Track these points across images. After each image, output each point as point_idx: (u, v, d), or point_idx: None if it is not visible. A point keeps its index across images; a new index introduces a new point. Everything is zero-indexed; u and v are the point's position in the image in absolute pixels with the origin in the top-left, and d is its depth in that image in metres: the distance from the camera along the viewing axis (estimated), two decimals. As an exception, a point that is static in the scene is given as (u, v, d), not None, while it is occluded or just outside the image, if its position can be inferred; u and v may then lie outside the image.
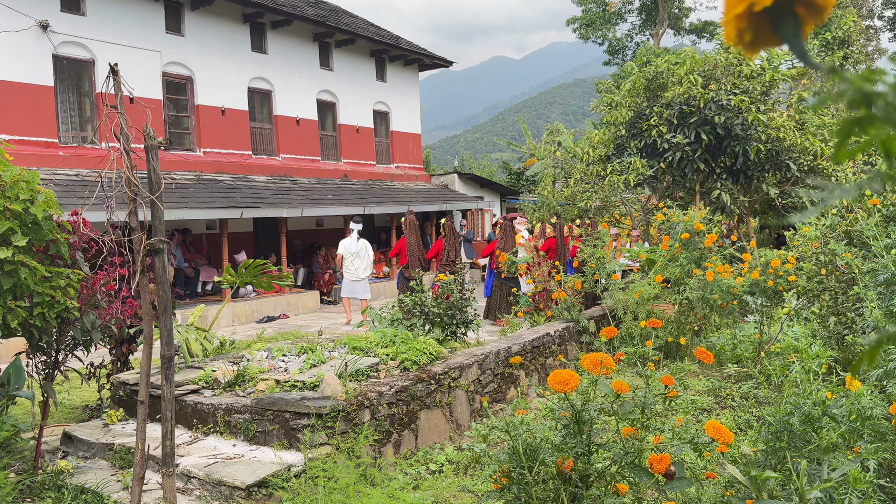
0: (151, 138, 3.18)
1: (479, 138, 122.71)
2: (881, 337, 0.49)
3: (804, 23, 0.47)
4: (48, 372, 5.03)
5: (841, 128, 0.45)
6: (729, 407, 6.19)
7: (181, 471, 4.71)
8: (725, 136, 11.65)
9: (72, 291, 4.61)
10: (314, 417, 4.98)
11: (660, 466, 2.19)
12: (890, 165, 0.45)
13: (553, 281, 9.38)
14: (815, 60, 0.48)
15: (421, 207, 19.22)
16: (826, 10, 0.47)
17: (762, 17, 0.47)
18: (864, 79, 0.43)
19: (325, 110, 19.48)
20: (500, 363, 6.92)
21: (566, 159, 16.58)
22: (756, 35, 0.48)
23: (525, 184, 29.30)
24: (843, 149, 0.45)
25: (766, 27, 0.47)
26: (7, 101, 12.36)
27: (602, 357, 2.39)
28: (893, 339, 0.51)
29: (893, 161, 0.44)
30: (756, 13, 0.47)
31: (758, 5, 0.46)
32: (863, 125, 0.44)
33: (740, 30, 0.48)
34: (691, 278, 8.04)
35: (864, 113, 0.42)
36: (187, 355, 6.48)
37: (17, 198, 4.21)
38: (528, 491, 2.22)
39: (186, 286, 14.40)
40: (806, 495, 2.14)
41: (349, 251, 12.64)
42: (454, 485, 4.69)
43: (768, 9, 0.46)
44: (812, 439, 2.63)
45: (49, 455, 5.51)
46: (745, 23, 0.47)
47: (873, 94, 0.43)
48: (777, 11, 0.47)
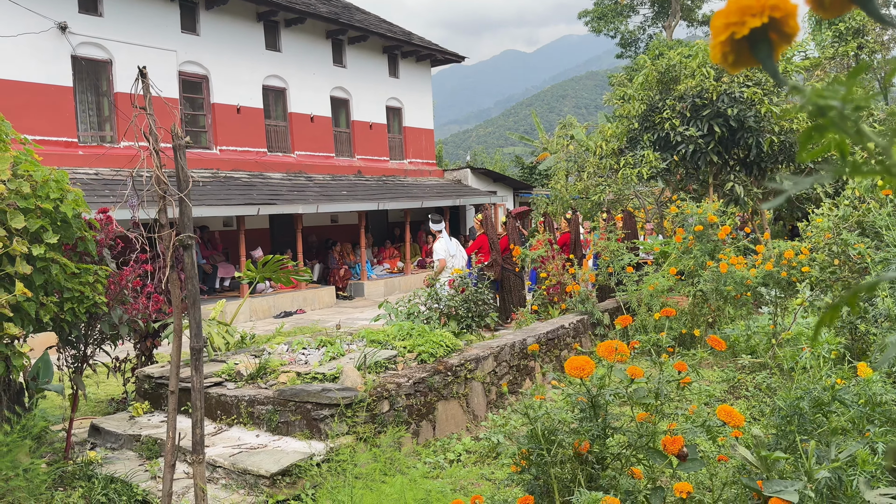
0: (179, 138, 3.31)
1: (492, 133, 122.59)
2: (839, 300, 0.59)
3: (776, 46, 0.59)
4: (77, 365, 5.19)
5: (803, 134, 0.56)
6: (743, 397, 6.25)
7: (207, 461, 4.85)
8: (738, 129, 11.66)
9: (100, 287, 4.76)
10: (335, 408, 5.11)
11: (673, 448, 2.29)
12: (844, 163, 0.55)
13: (567, 274, 9.46)
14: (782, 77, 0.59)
15: (434, 203, 19.33)
16: (793, 36, 0.59)
17: (742, 42, 0.59)
18: (818, 94, 0.54)
19: (338, 107, 19.62)
20: (515, 355, 7.02)
21: (579, 153, 16.64)
22: (737, 57, 0.60)
23: (538, 178, 29.34)
24: (806, 150, 0.55)
25: (746, 51, 0.59)
26: (28, 102, 12.59)
27: (616, 344, 2.49)
28: (850, 302, 0.60)
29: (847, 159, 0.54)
30: (737, 40, 0.59)
31: (738, 34, 0.58)
32: (820, 131, 0.54)
33: (724, 53, 0.60)
34: (705, 270, 8.09)
35: (822, 122, 0.53)
36: (210, 349, 6.63)
37: (47, 197, 4.36)
38: (546, 471, 2.32)
39: (205, 282, 14.62)
40: (814, 475, 2.23)
41: (450, 253, 11.03)
42: (473, 473, 4.80)
43: (746, 37, 0.58)
44: (822, 423, 2.72)
45: (78, 446, 5.67)
46: (728, 48, 0.59)
47: (827, 107, 0.53)
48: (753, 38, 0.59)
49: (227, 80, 16.26)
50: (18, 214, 4.05)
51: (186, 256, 3.39)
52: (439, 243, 10.93)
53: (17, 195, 4.12)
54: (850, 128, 0.51)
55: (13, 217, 4.02)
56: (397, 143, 21.87)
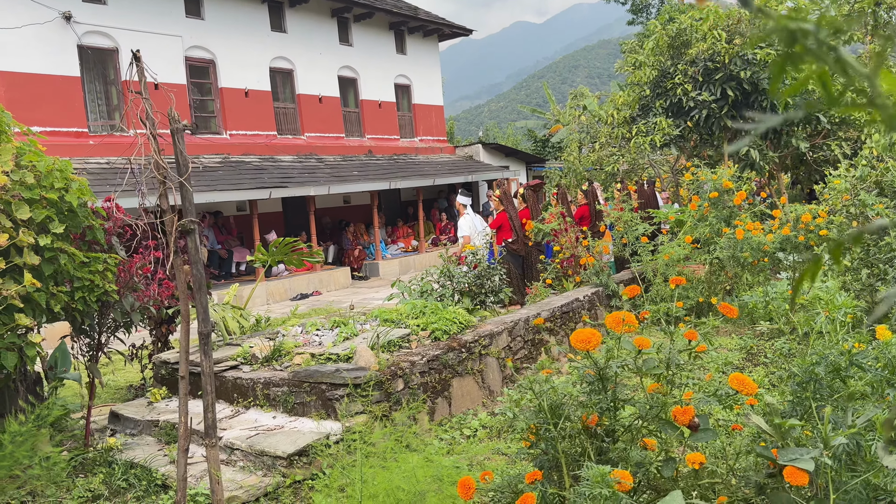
0: (176, 121, 3.26)
1: (504, 107, 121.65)
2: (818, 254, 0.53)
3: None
4: (92, 354, 5.23)
5: (773, 64, 0.49)
6: (762, 364, 6.17)
7: (224, 443, 4.88)
8: (752, 91, 11.42)
9: (110, 275, 4.77)
10: (349, 388, 5.11)
11: (684, 419, 2.24)
12: (828, 98, 0.48)
13: (581, 247, 9.36)
14: (747, 0, 0.52)
15: (446, 180, 19.23)
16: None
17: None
18: (788, 17, 0.47)
19: (346, 86, 19.50)
20: (529, 330, 6.98)
21: (591, 123, 16.42)
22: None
23: (551, 151, 29.06)
24: (778, 84, 0.48)
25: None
26: (37, 94, 12.62)
27: (624, 315, 2.43)
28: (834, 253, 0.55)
29: (831, 92, 0.48)
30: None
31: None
32: (794, 62, 0.47)
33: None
34: (721, 237, 7.97)
35: (795, 49, 0.46)
36: (225, 333, 6.66)
37: (52, 186, 4.35)
38: (555, 446, 2.29)
39: (220, 267, 14.68)
40: (830, 442, 2.17)
41: (476, 230, 10.72)
42: (488, 448, 4.79)
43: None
44: (839, 389, 2.65)
45: (98, 433, 5.74)
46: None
47: (799, 31, 0.46)
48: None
49: (233, 63, 16.19)
50: (23, 205, 4.05)
51: (189, 241, 3.37)
52: (464, 219, 10.76)
53: (21, 186, 4.12)
54: (826, 56, 0.45)
55: (18, 208, 4.02)
56: (407, 121, 21.73)
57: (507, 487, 2.36)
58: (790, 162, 13.46)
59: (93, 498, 4.37)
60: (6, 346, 4.03)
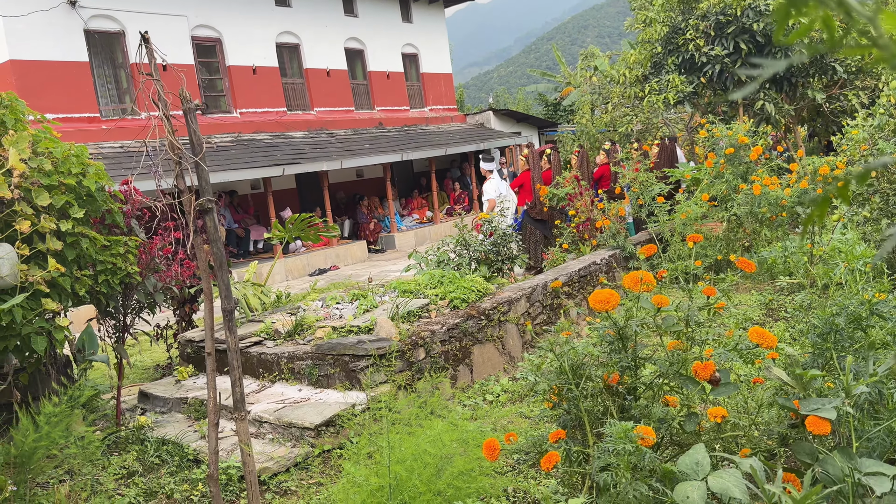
0: (189, 101, 3.28)
1: (513, 72, 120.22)
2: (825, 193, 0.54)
3: None
4: (119, 335, 5.33)
5: (777, 9, 0.49)
6: (781, 319, 6.16)
7: (253, 417, 4.98)
8: (766, 44, 11.20)
9: (131, 257, 4.84)
10: (373, 358, 5.18)
11: (704, 374, 2.26)
12: (831, 40, 0.49)
13: (596, 209, 9.32)
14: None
15: (458, 149, 19.13)
16: None
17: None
18: None
19: (353, 58, 19.36)
20: (547, 295, 7.00)
21: (603, 84, 16.21)
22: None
23: (563, 114, 28.77)
24: (783, 30, 0.49)
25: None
26: (47, 81, 12.67)
27: (642, 274, 2.44)
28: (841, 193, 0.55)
29: (834, 34, 0.48)
30: None
31: None
32: (797, 5, 0.47)
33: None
34: (738, 193, 7.90)
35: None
36: (247, 310, 6.75)
37: (69, 172, 4.40)
38: (578, 405, 2.32)
39: (238, 246, 14.81)
40: (852, 391, 2.18)
41: (501, 194, 10.42)
42: (510, 412, 4.85)
43: None
44: (860, 339, 2.65)
45: (128, 412, 5.87)
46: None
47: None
48: None
49: (240, 40, 16.12)
50: (43, 192, 4.10)
51: (208, 220, 3.40)
52: (489, 184, 10.55)
53: (39, 173, 4.17)
54: (829, 0, 0.45)
55: (38, 195, 4.08)
56: (416, 91, 21.57)
57: (532, 447, 2.40)
58: (806, 114, 13.24)
59: (128, 475, 4.50)
60: (35, 330, 4.12)
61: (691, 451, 2.07)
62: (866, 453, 2.25)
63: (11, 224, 3.97)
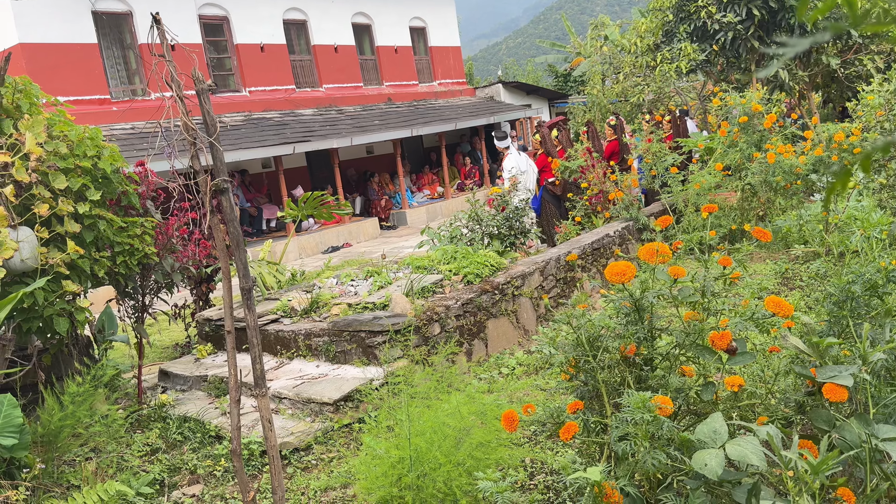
0: (201, 82, 3.28)
1: (522, 43, 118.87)
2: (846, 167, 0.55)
3: None
4: (138, 315, 5.41)
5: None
6: (797, 287, 6.14)
7: (272, 393, 5.06)
8: (779, 9, 11.01)
9: (148, 238, 4.89)
10: (389, 334, 5.23)
11: (721, 343, 2.27)
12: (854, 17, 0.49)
13: (609, 182, 9.28)
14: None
15: (467, 123, 19.02)
16: None
17: None
18: None
19: (361, 34, 19.21)
20: (561, 268, 7.01)
21: (614, 54, 16.02)
22: None
23: (573, 85, 28.48)
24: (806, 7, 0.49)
25: None
26: (57, 63, 12.69)
27: (658, 246, 2.45)
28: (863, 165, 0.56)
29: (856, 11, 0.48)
30: None
31: None
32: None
33: None
34: (752, 162, 7.83)
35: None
36: (263, 288, 6.81)
37: (84, 155, 4.44)
38: (594, 376, 2.35)
39: (251, 225, 14.89)
40: (868, 357, 2.19)
41: (520, 170, 10.11)
42: (526, 384, 4.90)
43: None
44: (876, 306, 2.65)
45: (150, 391, 5.97)
46: None
47: None
48: None
49: (247, 18, 16.03)
50: (60, 175, 4.14)
51: (224, 200, 3.43)
52: (508, 160, 10.24)
53: (55, 156, 4.21)
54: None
55: (55, 178, 4.12)
56: (425, 66, 21.41)
57: (550, 418, 2.44)
58: (821, 80, 13.05)
59: (151, 451, 4.59)
60: (57, 312, 4.19)
61: (709, 420, 2.09)
62: (883, 419, 2.26)
63: (30, 207, 4.02)
